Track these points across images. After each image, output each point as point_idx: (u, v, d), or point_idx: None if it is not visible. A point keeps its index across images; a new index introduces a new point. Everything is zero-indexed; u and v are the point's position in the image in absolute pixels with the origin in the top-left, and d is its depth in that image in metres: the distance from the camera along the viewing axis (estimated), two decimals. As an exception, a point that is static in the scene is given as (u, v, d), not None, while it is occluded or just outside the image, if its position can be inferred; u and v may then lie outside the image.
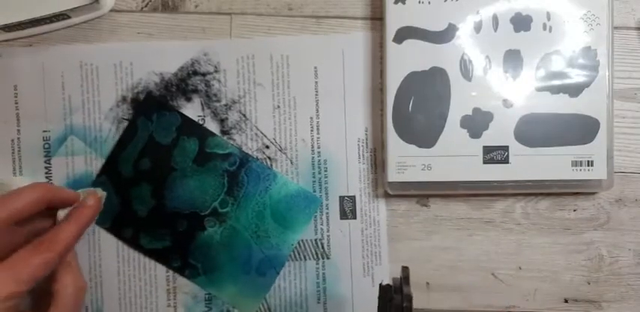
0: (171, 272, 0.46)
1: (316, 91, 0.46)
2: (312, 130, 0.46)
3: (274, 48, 0.46)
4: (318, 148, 0.46)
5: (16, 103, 0.46)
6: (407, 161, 0.44)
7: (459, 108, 0.44)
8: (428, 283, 0.46)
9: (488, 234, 0.47)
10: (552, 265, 0.47)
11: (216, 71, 0.46)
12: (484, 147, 0.44)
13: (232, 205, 0.46)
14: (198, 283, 0.46)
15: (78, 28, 0.46)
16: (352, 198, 0.46)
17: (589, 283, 0.47)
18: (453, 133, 0.44)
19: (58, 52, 0.46)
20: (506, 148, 0.44)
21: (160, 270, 0.46)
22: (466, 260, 0.47)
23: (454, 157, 0.44)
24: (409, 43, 0.44)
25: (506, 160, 0.44)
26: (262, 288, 0.46)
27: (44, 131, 0.46)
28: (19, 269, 0.37)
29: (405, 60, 0.44)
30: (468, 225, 0.47)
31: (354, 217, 0.46)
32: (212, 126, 0.46)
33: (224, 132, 0.46)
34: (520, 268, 0.47)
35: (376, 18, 0.46)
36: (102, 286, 0.46)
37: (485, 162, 0.44)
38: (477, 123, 0.44)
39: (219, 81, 0.46)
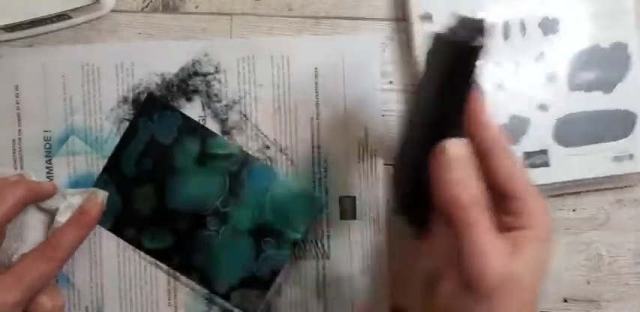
0: (172, 272, 0.46)
1: (317, 92, 0.46)
2: (312, 131, 0.46)
3: (275, 48, 0.46)
4: (319, 148, 0.46)
5: (17, 104, 0.46)
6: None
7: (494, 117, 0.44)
8: (428, 283, 0.46)
9: (488, 234, 0.47)
10: (552, 264, 0.47)
11: (216, 72, 0.46)
12: (524, 153, 0.44)
13: (234, 204, 0.46)
14: (199, 283, 0.46)
15: (79, 29, 0.46)
16: (352, 198, 0.46)
17: (588, 283, 0.47)
18: None
19: (59, 52, 0.46)
20: (545, 152, 0.44)
21: (161, 270, 0.46)
22: (466, 260, 0.47)
23: None
24: None
25: (546, 164, 0.44)
26: (262, 288, 0.46)
27: (45, 131, 0.46)
28: (24, 277, 0.38)
29: None
30: (467, 225, 0.47)
31: (354, 218, 0.46)
32: (212, 126, 0.46)
33: (224, 132, 0.46)
34: (520, 267, 0.47)
35: (376, 19, 0.46)
36: (102, 286, 0.46)
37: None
38: (514, 130, 0.44)
39: (219, 81, 0.46)
